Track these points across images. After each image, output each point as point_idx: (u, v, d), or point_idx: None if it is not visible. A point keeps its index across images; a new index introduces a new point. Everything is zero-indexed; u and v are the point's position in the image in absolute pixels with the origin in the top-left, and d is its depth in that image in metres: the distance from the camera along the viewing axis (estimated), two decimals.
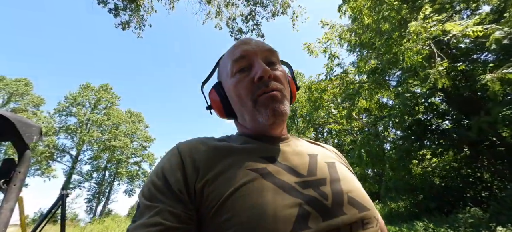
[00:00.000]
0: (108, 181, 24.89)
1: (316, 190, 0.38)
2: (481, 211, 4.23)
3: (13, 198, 0.95)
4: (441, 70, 4.10)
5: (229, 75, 0.49)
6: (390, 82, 7.69)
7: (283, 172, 0.40)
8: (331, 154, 0.54)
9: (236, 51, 0.49)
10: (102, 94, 24.35)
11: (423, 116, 6.82)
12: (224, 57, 0.54)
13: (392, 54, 5.62)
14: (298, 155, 0.46)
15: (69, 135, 21.91)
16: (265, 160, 0.42)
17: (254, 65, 0.47)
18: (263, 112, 0.44)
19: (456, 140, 5.70)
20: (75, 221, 16.39)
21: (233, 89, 0.48)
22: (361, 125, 10.68)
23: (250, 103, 0.46)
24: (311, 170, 0.42)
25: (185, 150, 0.42)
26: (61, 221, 1.73)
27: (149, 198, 0.37)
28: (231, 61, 0.49)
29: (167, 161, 0.42)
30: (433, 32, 4.23)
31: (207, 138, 0.48)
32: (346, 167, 0.51)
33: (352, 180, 0.45)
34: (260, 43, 0.51)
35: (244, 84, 0.46)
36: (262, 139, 0.48)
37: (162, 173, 0.39)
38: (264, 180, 0.37)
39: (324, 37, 7.71)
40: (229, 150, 0.43)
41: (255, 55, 0.48)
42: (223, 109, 0.52)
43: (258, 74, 0.44)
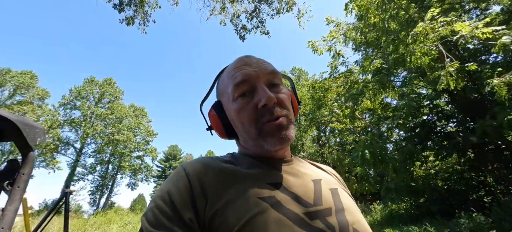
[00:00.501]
0: (111, 174, 25.26)
1: (323, 221, 0.37)
2: (483, 216, 4.17)
3: (17, 200, 0.95)
4: (452, 71, 4.01)
5: (231, 99, 0.47)
6: (395, 83, 7.59)
7: (291, 202, 0.39)
8: (333, 179, 0.53)
9: (237, 75, 0.46)
10: (106, 88, 24.55)
11: (427, 118, 6.73)
12: (224, 76, 0.51)
13: (399, 54, 5.53)
14: (303, 181, 0.45)
15: (74, 128, 22.22)
16: (272, 186, 0.41)
17: (257, 90, 0.44)
18: (269, 141, 0.43)
19: (460, 143, 5.62)
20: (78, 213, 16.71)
21: (235, 116, 0.46)
22: (364, 125, 10.61)
23: (255, 131, 0.44)
24: (317, 199, 0.42)
25: (193, 173, 0.40)
26: (64, 218, 1.75)
27: (154, 225, 0.34)
28: (232, 85, 0.46)
29: (173, 184, 0.39)
30: (441, 32, 4.14)
31: (212, 160, 0.46)
32: (347, 193, 0.51)
33: (356, 210, 0.45)
34: (262, 64, 0.48)
35: (247, 111, 0.44)
36: (267, 161, 0.47)
37: (169, 198, 0.37)
38: (274, 211, 0.36)
39: (329, 35, 7.62)
40: (236, 175, 0.42)
41: (258, 79, 0.46)
42: (224, 131, 0.51)
43: (262, 102, 0.43)
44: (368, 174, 7.53)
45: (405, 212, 6.83)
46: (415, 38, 4.37)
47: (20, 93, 19.73)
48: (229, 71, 0.49)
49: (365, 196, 10.88)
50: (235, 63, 0.49)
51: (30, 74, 20.55)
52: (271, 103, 0.43)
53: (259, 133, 0.44)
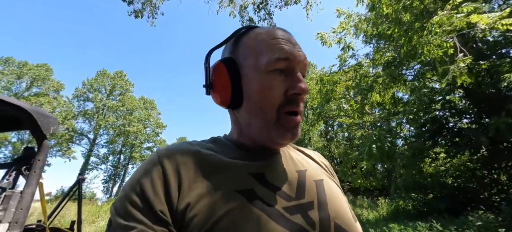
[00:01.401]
0: (123, 164, 26.25)
1: (304, 216, 0.36)
2: (493, 215, 4.06)
3: (34, 184, 1.03)
4: (462, 67, 3.83)
5: (260, 68, 0.41)
6: (406, 76, 7.34)
7: (271, 195, 0.37)
8: (319, 168, 0.51)
9: (279, 47, 0.41)
10: (117, 81, 25.22)
11: (439, 113, 6.51)
12: (256, 38, 0.43)
13: (412, 46, 5.32)
14: (287, 172, 0.43)
15: (87, 119, 23.12)
16: (253, 178, 0.39)
17: (294, 75, 0.41)
18: (282, 133, 0.40)
19: (474, 140, 5.42)
20: (93, 200, 17.55)
21: (260, 89, 0.40)
22: (373, 120, 10.40)
23: (274, 115, 0.40)
24: (300, 192, 0.40)
25: (167, 161, 0.37)
26: (78, 204, 1.86)
27: (123, 216, 0.32)
28: (271, 56, 0.40)
29: (146, 173, 0.36)
30: (457, 24, 3.93)
31: (191, 145, 0.42)
32: (334, 182, 0.48)
33: (340, 202, 0.42)
34: (302, 51, 0.44)
35: (275, 91, 0.40)
36: (253, 150, 0.45)
37: (141, 188, 0.34)
38: (251, 206, 0.34)
39: (339, 26, 7.42)
40: (215, 165, 0.39)
41: (298, 64, 0.42)
42: (229, 98, 0.43)
43: (296, 89, 0.39)
44: (375, 169, 7.43)
45: (412, 209, 6.73)
46: (431, 28, 4.16)
47: (37, 85, 20.61)
48: (266, 36, 0.43)
49: (371, 191, 10.77)
50: (276, 33, 0.43)
51: (46, 67, 21.37)
52: (303, 94, 0.40)
53: (277, 120, 0.40)
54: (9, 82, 19.07)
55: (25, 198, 0.99)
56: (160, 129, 28.00)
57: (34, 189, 1.04)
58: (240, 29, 0.46)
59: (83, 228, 7.73)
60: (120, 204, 0.33)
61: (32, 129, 1.05)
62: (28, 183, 1.02)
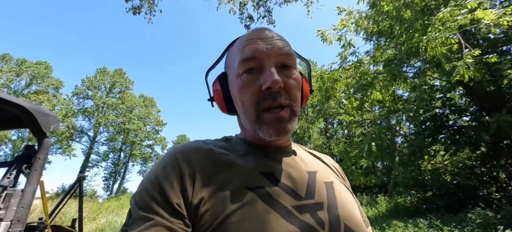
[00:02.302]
0: (123, 162, 26.30)
1: (313, 215, 0.36)
2: (492, 212, 4.08)
3: (35, 182, 1.03)
4: (470, 62, 3.81)
5: (236, 74, 0.44)
6: (407, 74, 7.32)
7: (281, 193, 0.38)
8: (330, 170, 0.51)
9: (246, 49, 0.42)
10: (116, 78, 25.14)
11: (439, 111, 6.51)
12: (234, 47, 0.47)
13: (413, 44, 5.30)
14: (297, 172, 0.44)
15: (87, 117, 23.10)
16: (264, 176, 0.40)
17: (264, 70, 0.41)
18: (265, 130, 0.41)
19: (473, 138, 5.43)
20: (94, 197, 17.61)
21: (237, 93, 0.43)
22: (373, 118, 10.40)
23: (254, 114, 0.41)
24: (310, 192, 0.40)
25: (183, 158, 0.39)
26: (79, 201, 1.87)
27: (143, 208, 0.34)
28: (239, 59, 0.43)
29: (163, 168, 0.38)
30: (460, 21, 3.90)
31: (205, 144, 0.45)
32: (344, 186, 0.49)
33: (350, 205, 0.43)
34: (276, 42, 0.43)
35: (249, 90, 0.41)
36: (263, 149, 0.46)
37: (158, 182, 0.36)
38: (262, 203, 0.35)
39: (340, 23, 7.38)
40: (228, 162, 0.41)
41: (268, 58, 0.41)
42: (224, 105, 0.49)
43: (266, 84, 0.39)
44: (375, 166, 7.45)
45: (411, 206, 6.76)
46: (435, 25, 4.13)
47: (36, 83, 20.55)
48: (239, 42, 0.46)
49: (371, 188, 10.82)
50: (248, 35, 0.45)
51: (45, 64, 21.27)
52: (276, 87, 0.39)
53: (257, 118, 0.41)
54: (8, 79, 19.00)
55: (26, 197, 0.99)
56: (160, 127, 28.01)
57: (35, 187, 1.04)
58: (229, 44, 0.51)
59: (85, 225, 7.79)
60: (139, 196, 0.36)
61: (32, 127, 1.05)
62: (29, 181, 1.02)
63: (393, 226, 4.67)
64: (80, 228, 1.77)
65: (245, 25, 6.10)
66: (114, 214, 9.08)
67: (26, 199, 0.99)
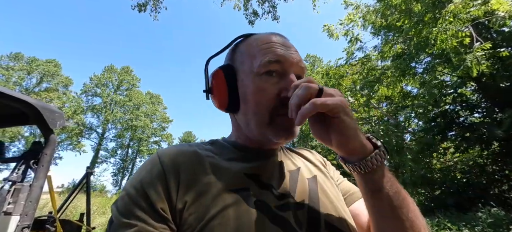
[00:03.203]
0: (131, 157, 26.90)
1: (294, 214, 0.37)
2: (504, 212, 3.96)
3: (42, 177, 1.05)
4: (480, 56, 3.66)
5: (253, 71, 0.42)
6: (416, 69, 7.13)
7: (264, 194, 0.38)
8: (312, 166, 0.51)
9: (272, 50, 0.42)
10: (124, 76, 25.56)
11: (450, 107, 6.33)
12: (252, 43, 0.45)
13: (422, 38, 5.14)
14: (281, 171, 0.45)
15: (95, 114, 23.64)
16: (248, 178, 0.40)
17: (287, 77, 0.41)
18: (277, 133, 0.41)
19: (485, 135, 5.26)
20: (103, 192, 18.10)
21: (253, 92, 0.42)
22: (381, 114, 10.21)
23: (267, 117, 0.41)
24: (291, 191, 0.41)
25: (168, 161, 0.38)
26: (86, 196, 1.91)
27: (125, 214, 0.32)
28: (262, 59, 0.41)
29: (147, 172, 0.37)
30: (473, 13, 3.76)
31: (190, 147, 0.44)
32: (328, 180, 0.49)
33: (333, 199, 0.43)
34: (297, 53, 0.45)
35: (268, 93, 0.41)
36: (251, 151, 0.46)
37: (142, 186, 0.35)
38: (245, 204, 0.35)
39: (346, 18, 7.22)
40: (213, 166, 0.40)
41: (291, 66, 0.42)
42: (227, 102, 0.45)
43: (289, 92, 0.38)
44: None
45: (419, 204, 6.66)
46: (446, 17, 3.99)
47: (46, 81, 21.12)
48: (260, 41, 0.44)
49: None
50: (269, 37, 0.45)
51: (54, 62, 21.81)
52: None
53: (270, 122, 0.41)
54: (20, 77, 19.59)
55: (34, 191, 1.02)
56: (167, 124, 28.42)
57: (42, 183, 1.06)
58: (238, 37, 0.49)
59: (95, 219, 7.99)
60: (122, 203, 0.34)
61: (39, 123, 1.07)
62: (37, 176, 1.05)
63: None
64: (88, 222, 1.81)
65: (250, 21, 6.06)
66: None
67: (34, 194, 1.01)
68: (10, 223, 0.95)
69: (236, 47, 0.49)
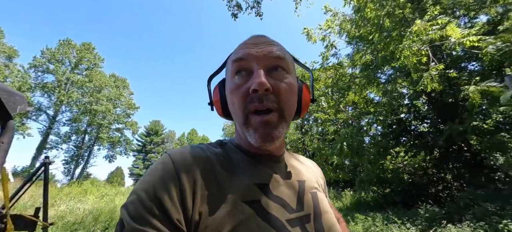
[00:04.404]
0: (87, 145, 24.25)
1: (302, 229, 0.39)
2: (438, 208, 4.71)
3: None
4: (434, 75, 4.24)
5: (230, 76, 0.45)
6: (380, 79, 7.89)
7: (275, 207, 0.39)
8: (314, 178, 0.54)
9: (239, 51, 0.44)
10: (84, 54, 22.69)
11: (404, 116, 7.18)
12: (231, 53, 0.49)
13: (389, 52, 5.70)
14: (289, 182, 0.46)
15: (46, 93, 20.59)
16: (259, 189, 0.40)
17: (253, 72, 0.41)
18: (252, 134, 0.40)
19: (429, 142, 6.13)
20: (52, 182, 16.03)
21: (229, 95, 0.44)
22: (346, 117, 11.06)
23: (242, 117, 0.41)
24: (299, 204, 0.43)
25: (182, 166, 0.37)
26: (43, 189, 1.69)
27: (138, 220, 0.31)
28: (231, 61, 0.44)
29: (160, 177, 0.35)
30: (432, 35, 4.29)
31: (202, 151, 0.43)
32: (325, 193, 0.54)
33: (331, 214, 0.47)
34: (268, 47, 0.43)
35: (239, 92, 0.41)
36: (257, 157, 0.46)
37: (155, 192, 0.33)
38: (258, 219, 0.36)
39: (325, 24, 7.58)
40: (226, 174, 0.40)
41: (257, 61, 0.41)
42: (222, 110, 0.48)
43: (253, 85, 0.39)
44: (344, 164, 8.02)
45: (372, 200, 7.45)
46: (409, 37, 4.49)
47: None
48: (236, 49, 0.47)
49: (338, 183, 11.65)
50: (245, 41, 0.47)
51: None
52: (261, 90, 0.38)
53: (245, 121, 0.41)
54: None
55: None
56: (132, 111, 26.28)
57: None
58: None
59: None
60: (133, 207, 0.32)
61: None
62: None
63: (355, 218, 5.13)
64: (45, 218, 1.61)
65: (233, 13, 5.94)
66: (76, 201, 8.41)
67: None
68: None
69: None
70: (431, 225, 4.27)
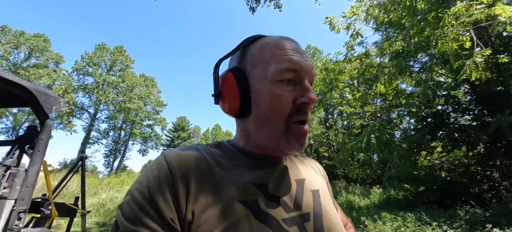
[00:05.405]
0: (123, 140, 26.64)
1: (301, 228, 0.38)
2: (481, 210, 4.19)
3: (38, 162, 1.03)
4: (479, 62, 3.70)
5: (267, 77, 0.41)
6: (413, 68, 7.18)
7: (273, 206, 0.39)
8: (317, 177, 0.53)
9: (288, 58, 0.41)
10: (117, 56, 24.75)
11: (441, 108, 6.48)
12: (265, 47, 0.44)
13: (423, 37, 5.13)
14: (287, 181, 0.45)
15: (87, 94, 23.03)
16: (257, 188, 0.40)
17: (303, 85, 0.42)
18: (291, 143, 0.41)
19: (473, 137, 5.45)
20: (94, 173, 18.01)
21: (269, 99, 0.41)
22: (374, 110, 10.38)
23: (283, 125, 0.41)
24: (297, 203, 0.42)
25: (176, 167, 0.37)
26: (81, 181, 1.90)
27: (132, 220, 0.32)
28: (279, 66, 0.41)
29: (154, 178, 0.35)
30: (476, 16, 3.74)
31: (198, 151, 0.42)
32: (328, 193, 0.51)
33: (334, 214, 0.45)
34: (309, 60, 0.45)
35: (284, 100, 0.40)
36: (258, 158, 0.45)
37: (149, 193, 0.33)
38: (253, 219, 0.35)
39: (350, 11, 7.11)
40: (222, 174, 0.40)
41: (306, 74, 0.43)
42: (238, 107, 0.43)
43: (304, 99, 0.40)
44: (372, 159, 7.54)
45: (403, 198, 6.94)
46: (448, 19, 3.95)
47: (35, 57, 20.22)
48: (273, 46, 0.43)
49: (364, 180, 11.06)
50: (282, 42, 0.44)
51: (43, 37, 20.82)
52: (311, 104, 0.41)
53: (285, 130, 0.41)
54: (6, 51, 18.67)
55: (29, 177, 1.00)
56: (161, 108, 28.05)
57: (38, 168, 1.05)
58: (248, 38, 0.47)
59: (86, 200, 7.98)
60: (128, 208, 0.33)
61: (34, 108, 1.03)
62: (32, 161, 1.03)
63: (383, 217, 4.81)
64: (83, 206, 1.81)
65: (251, 7, 5.89)
66: (115, 190, 9.34)
67: (29, 179, 1.00)
68: (5, 207, 0.94)
69: (246, 49, 0.46)
70: (473, 228, 3.83)
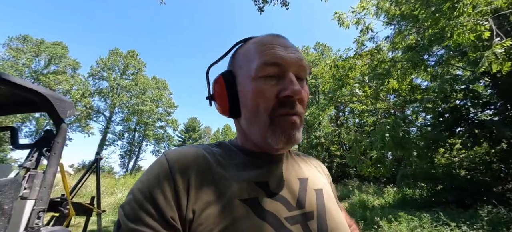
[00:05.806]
0: (137, 141, 27.56)
1: (303, 226, 0.38)
2: (505, 210, 3.93)
3: (55, 164, 1.09)
4: (499, 52, 3.46)
5: (251, 75, 0.41)
6: (428, 62, 6.86)
7: (274, 204, 0.38)
8: (321, 176, 0.52)
9: (269, 53, 0.41)
10: (129, 60, 25.62)
11: (460, 102, 6.15)
12: (250, 48, 0.44)
13: (438, 29, 4.88)
14: (290, 180, 0.44)
15: (102, 97, 24.04)
16: (258, 186, 0.40)
17: (286, 78, 0.40)
18: (277, 136, 0.40)
19: (495, 132, 5.12)
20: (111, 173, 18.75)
21: (252, 96, 0.41)
22: (387, 107, 10.03)
23: (267, 120, 0.40)
24: (300, 201, 0.41)
25: (176, 166, 0.37)
26: (96, 181, 1.99)
27: (133, 220, 0.32)
28: (260, 62, 0.41)
29: (155, 177, 0.36)
30: (496, 4, 3.50)
31: (198, 151, 0.43)
32: (332, 193, 0.51)
33: (337, 214, 0.44)
34: (296, 53, 0.43)
35: (266, 95, 0.40)
36: (258, 156, 0.45)
37: (150, 192, 0.34)
38: (255, 216, 0.35)
39: (359, 5, 6.93)
40: (222, 172, 0.40)
41: (289, 67, 0.41)
42: (228, 107, 0.44)
43: (287, 91, 0.39)
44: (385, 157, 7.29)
45: (420, 198, 6.67)
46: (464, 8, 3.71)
47: (54, 63, 21.36)
48: (258, 44, 0.43)
49: (378, 178, 10.74)
50: (267, 39, 0.44)
51: (61, 45, 21.92)
52: (296, 96, 0.39)
53: (270, 123, 0.40)
54: (28, 59, 19.84)
55: (47, 178, 1.06)
56: (172, 109, 28.73)
57: (55, 169, 1.11)
58: (238, 42, 0.48)
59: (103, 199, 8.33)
60: (129, 207, 0.34)
61: (50, 113, 1.09)
62: (50, 163, 1.09)
63: (399, 218, 4.64)
64: (98, 206, 1.90)
65: (259, 7, 5.87)
66: None
67: (47, 180, 1.06)
68: (26, 207, 1.00)
69: (236, 52, 0.48)
70: (495, 229, 3.61)
